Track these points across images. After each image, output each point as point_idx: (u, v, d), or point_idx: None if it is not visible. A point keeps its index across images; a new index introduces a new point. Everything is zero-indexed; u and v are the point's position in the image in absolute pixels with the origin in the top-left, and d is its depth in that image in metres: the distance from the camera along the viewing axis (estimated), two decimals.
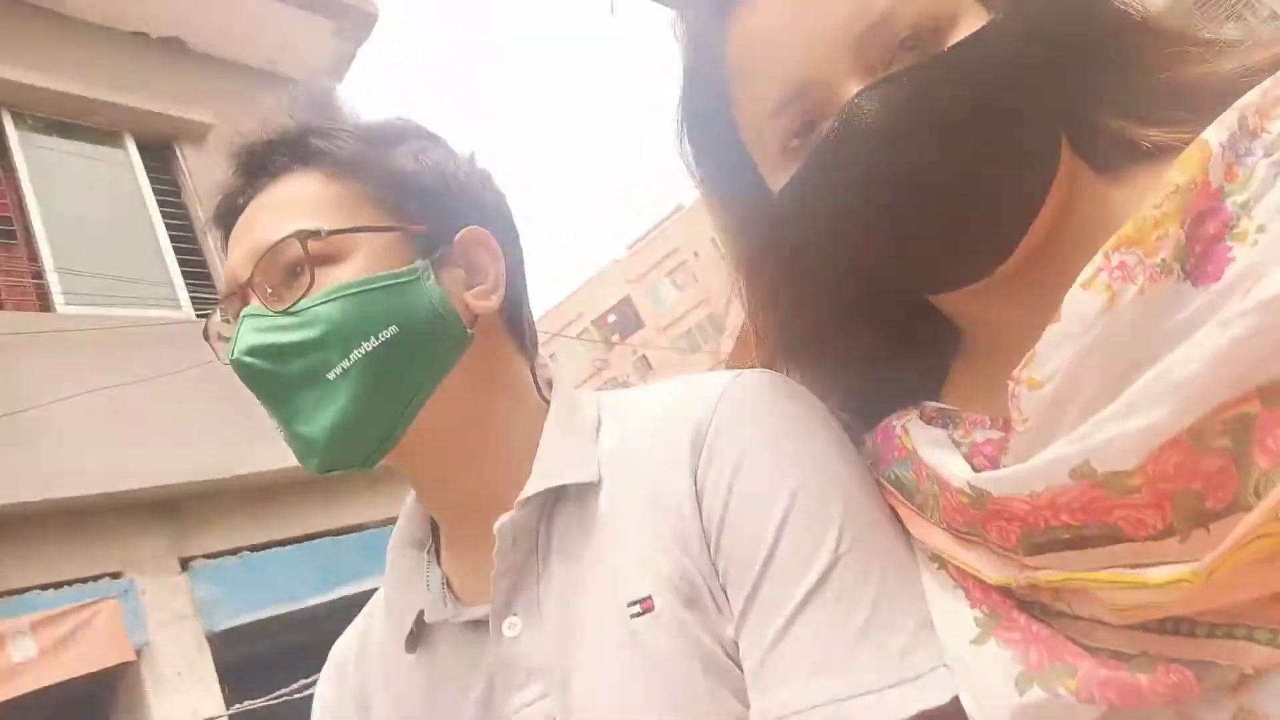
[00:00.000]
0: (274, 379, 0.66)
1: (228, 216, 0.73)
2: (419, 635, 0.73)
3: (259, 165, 0.72)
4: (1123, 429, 0.48)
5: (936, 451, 0.61)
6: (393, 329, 0.66)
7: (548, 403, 0.76)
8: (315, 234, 0.66)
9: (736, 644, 0.61)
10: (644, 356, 34.98)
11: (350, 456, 0.68)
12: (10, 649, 3.71)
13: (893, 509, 0.66)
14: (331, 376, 0.65)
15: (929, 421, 0.65)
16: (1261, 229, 0.48)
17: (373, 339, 0.65)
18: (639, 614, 0.63)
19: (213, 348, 0.73)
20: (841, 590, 0.58)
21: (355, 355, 0.65)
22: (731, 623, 0.62)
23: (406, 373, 0.68)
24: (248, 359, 0.65)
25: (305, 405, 0.66)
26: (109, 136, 5.30)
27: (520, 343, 0.78)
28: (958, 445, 0.61)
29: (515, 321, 0.77)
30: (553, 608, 0.67)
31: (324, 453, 0.67)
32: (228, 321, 0.71)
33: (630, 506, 0.67)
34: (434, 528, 0.80)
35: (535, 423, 0.73)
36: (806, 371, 0.73)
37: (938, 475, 0.60)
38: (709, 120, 0.68)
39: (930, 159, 0.55)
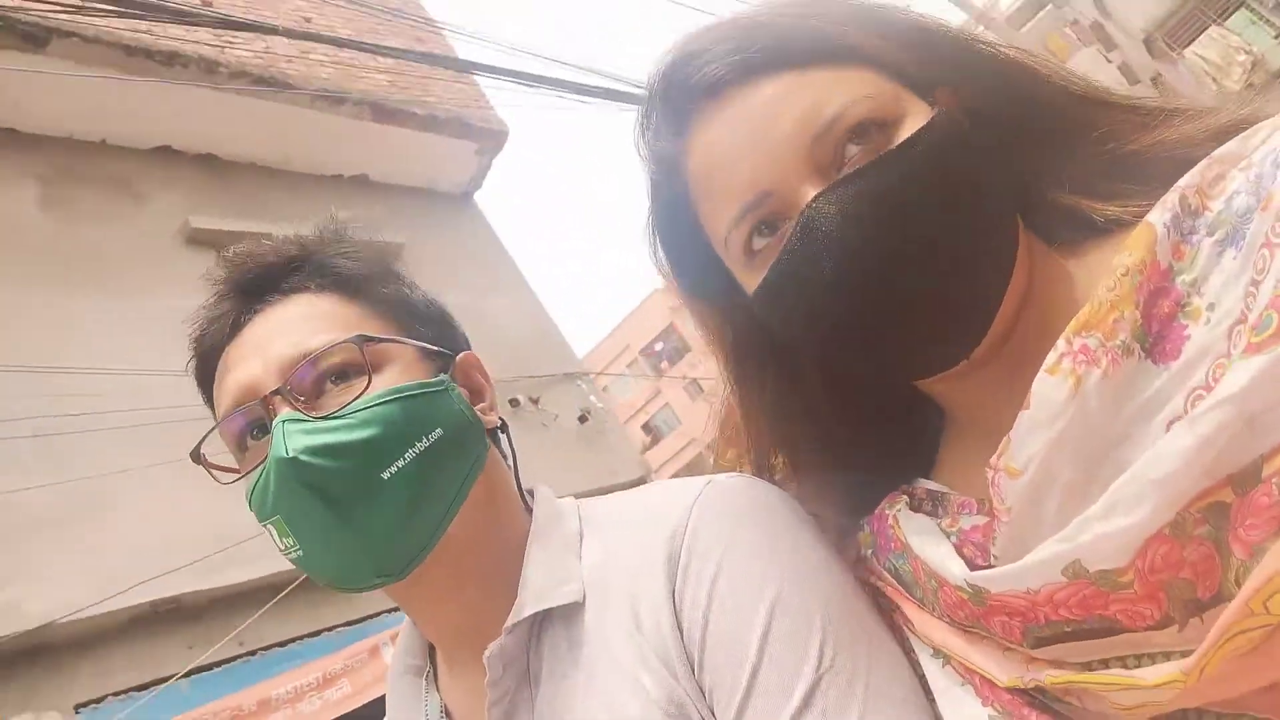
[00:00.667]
0: (334, 478, 0.65)
1: (222, 338, 0.74)
2: None
3: (267, 286, 0.74)
4: (1107, 529, 0.50)
5: (929, 547, 0.63)
6: (438, 431, 0.69)
7: (531, 512, 0.78)
8: (371, 340, 0.70)
9: None
10: (695, 381, 36.01)
11: (397, 563, 0.68)
12: None
13: (895, 602, 0.68)
14: (386, 476, 0.66)
15: (919, 506, 0.68)
16: (1212, 306, 0.52)
17: (424, 439, 0.68)
18: None
19: (210, 472, 0.73)
20: (825, 710, 0.58)
21: (410, 454, 0.67)
22: None
23: (449, 475, 0.71)
24: (307, 458, 0.65)
25: (356, 508, 0.66)
26: None
27: (505, 458, 0.81)
28: (946, 534, 0.63)
29: (500, 440, 0.80)
30: None
31: (376, 558, 0.67)
32: (254, 437, 0.70)
33: (615, 625, 0.67)
34: (431, 650, 0.81)
35: (522, 535, 0.76)
36: (800, 461, 0.74)
37: (934, 572, 0.61)
38: (680, 232, 0.71)
39: (890, 255, 0.58)
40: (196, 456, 0.73)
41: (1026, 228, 0.65)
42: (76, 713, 3.77)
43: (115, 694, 3.90)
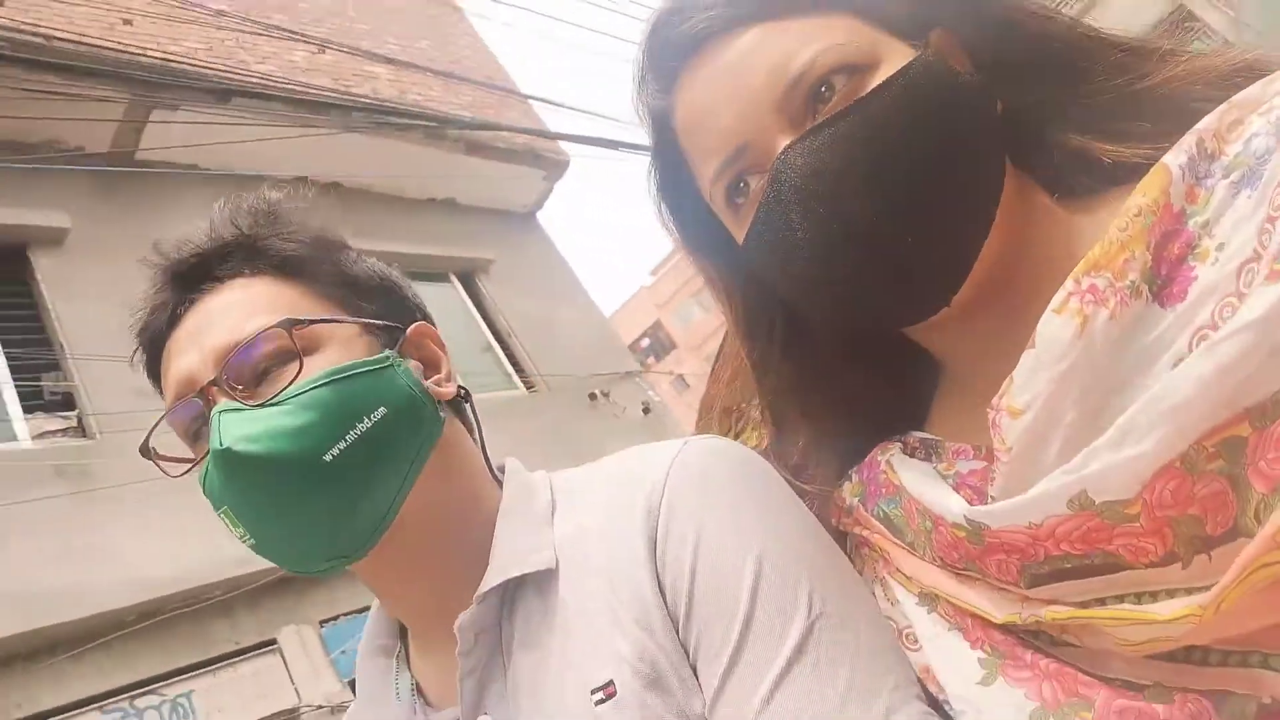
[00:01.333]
0: (271, 466, 0.64)
1: (163, 329, 0.73)
2: None
3: (202, 273, 0.73)
4: (1116, 458, 0.49)
5: (926, 487, 0.62)
6: (381, 410, 0.68)
7: (500, 486, 0.77)
8: (299, 323, 0.68)
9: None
10: (680, 376, 37.11)
11: (349, 544, 0.68)
12: None
13: (882, 549, 0.67)
14: (329, 458, 0.65)
15: (912, 453, 0.67)
16: (1221, 247, 0.50)
17: (366, 419, 0.67)
18: (602, 700, 0.62)
19: (159, 465, 0.72)
20: (819, 658, 0.58)
21: (351, 436, 0.66)
22: (700, 698, 0.61)
23: (398, 453, 0.69)
24: (242, 447, 0.64)
25: (301, 493, 0.65)
26: (437, 277, 7.67)
27: (469, 430, 0.80)
28: (943, 477, 0.62)
29: (463, 411, 0.79)
30: (523, 700, 0.67)
31: (327, 541, 0.67)
32: (201, 428, 0.69)
33: (589, 590, 0.67)
34: (403, 631, 0.80)
35: (489, 512, 0.74)
36: (796, 416, 0.74)
37: (930, 511, 0.61)
38: (677, 188, 0.72)
39: (858, 202, 0.58)
40: (146, 450, 0.72)
41: (1027, 176, 0.64)
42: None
43: None
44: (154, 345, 0.74)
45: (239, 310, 0.70)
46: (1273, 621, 0.47)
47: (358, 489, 0.67)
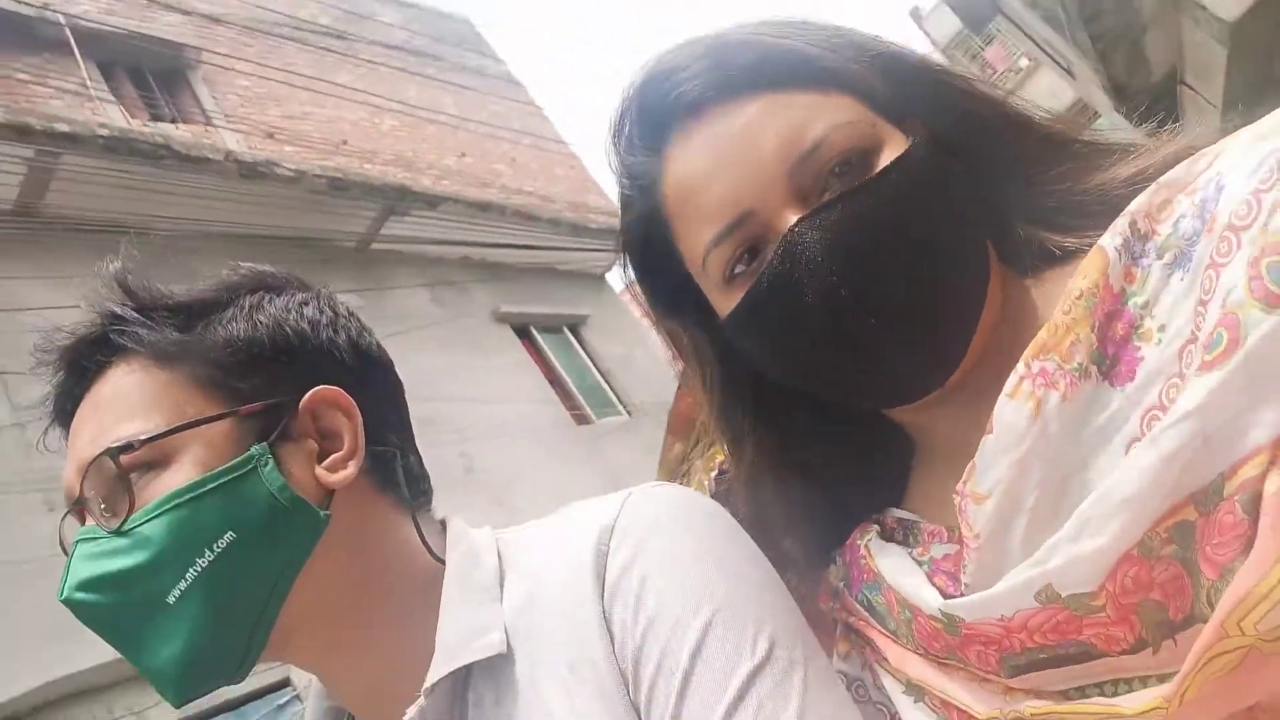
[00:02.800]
0: (111, 615, 0.62)
1: (63, 419, 0.70)
2: None
3: (78, 364, 0.68)
4: (1076, 551, 0.50)
5: (902, 577, 0.62)
6: (229, 535, 0.62)
7: (440, 560, 0.70)
8: (127, 448, 0.62)
9: None
10: None
11: (211, 680, 0.64)
12: None
13: (867, 636, 0.67)
14: (171, 600, 0.61)
15: (890, 535, 0.68)
16: (1163, 328, 0.52)
17: (208, 551, 0.61)
18: None
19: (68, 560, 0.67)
20: (761, 702, 0.57)
21: (191, 574, 0.61)
22: None
23: (253, 579, 0.63)
24: (79, 595, 0.62)
25: (149, 638, 0.62)
26: (554, 329, 9.95)
27: (398, 499, 0.72)
28: (919, 564, 0.63)
29: (389, 478, 0.72)
30: None
31: (180, 686, 0.63)
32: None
33: (547, 673, 0.63)
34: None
35: (430, 589, 0.68)
36: (777, 484, 0.72)
37: (909, 602, 0.61)
38: (653, 249, 0.70)
39: (872, 281, 0.58)
40: (63, 547, 0.67)
41: (997, 257, 0.65)
42: None
43: None
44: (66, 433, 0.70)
45: (100, 417, 0.66)
46: (1238, 708, 0.48)
47: (210, 625, 0.62)
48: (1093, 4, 4.87)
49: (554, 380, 9.26)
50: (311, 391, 0.68)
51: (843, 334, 0.60)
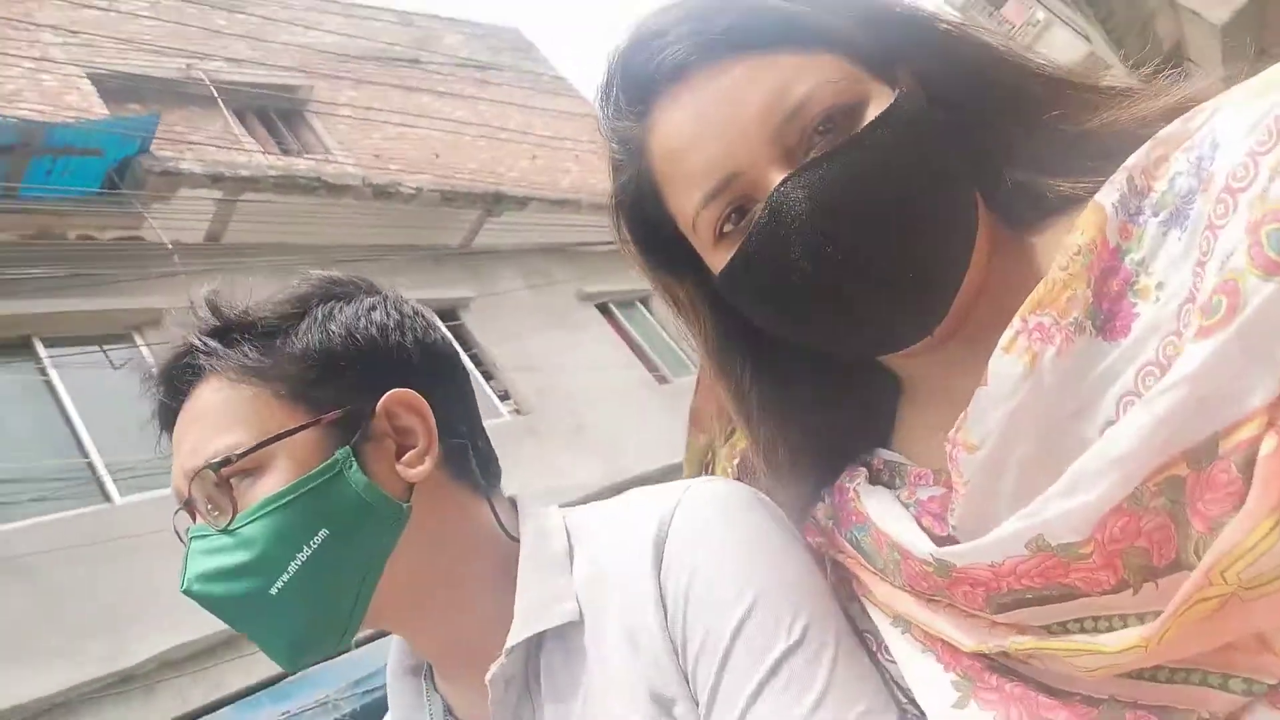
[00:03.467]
0: (225, 604, 0.70)
1: (167, 428, 0.77)
2: None
3: (173, 381, 0.75)
4: (1068, 505, 0.52)
5: (891, 521, 0.65)
6: (323, 533, 0.69)
7: (514, 538, 0.77)
8: (225, 462, 0.69)
9: None
10: None
11: (317, 653, 0.73)
12: None
13: (853, 572, 0.71)
14: (274, 592, 0.68)
15: (877, 478, 0.70)
16: (1160, 286, 0.53)
17: (306, 548, 0.68)
18: None
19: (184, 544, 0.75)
20: (792, 677, 0.63)
21: (292, 568, 0.68)
22: None
23: (347, 569, 0.71)
24: (196, 587, 0.70)
25: (259, 623, 0.71)
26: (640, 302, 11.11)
27: (473, 484, 0.78)
28: (906, 506, 0.66)
29: (462, 467, 0.78)
30: None
31: (291, 660, 0.73)
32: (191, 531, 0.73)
33: (609, 638, 0.70)
34: None
35: (506, 563, 0.75)
36: (773, 430, 0.75)
37: (898, 545, 0.63)
38: (644, 211, 0.71)
39: (857, 237, 0.59)
40: (179, 535, 0.74)
41: (986, 207, 0.66)
42: None
43: None
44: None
45: (199, 428, 0.72)
46: (1210, 647, 0.50)
47: (311, 611, 0.70)
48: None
49: (634, 348, 10.43)
50: (386, 395, 0.73)
51: (827, 288, 0.61)
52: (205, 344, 0.74)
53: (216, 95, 8.15)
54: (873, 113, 0.61)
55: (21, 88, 6.85)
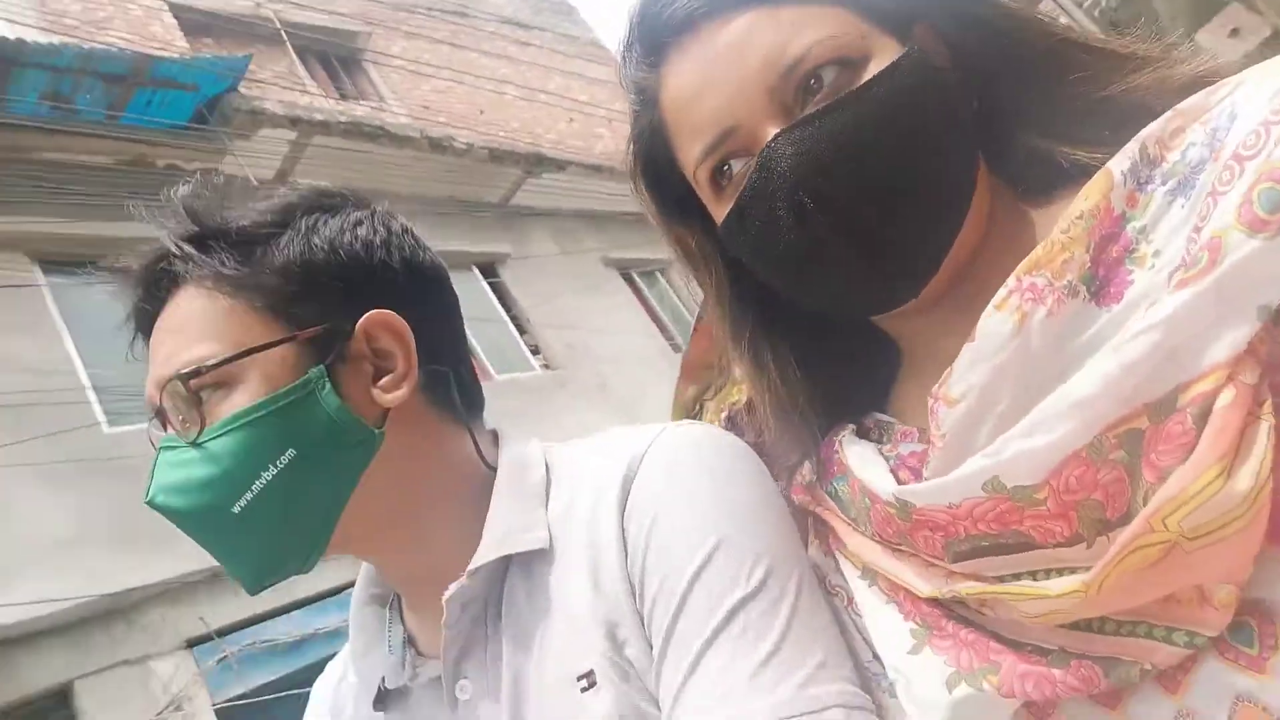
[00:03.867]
0: (187, 518, 0.69)
1: (144, 332, 0.75)
2: (385, 696, 0.77)
3: (151, 285, 0.73)
4: (1027, 446, 0.52)
5: (867, 467, 0.65)
6: (290, 453, 0.67)
7: (493, 468, 0.77)
8: (195, 373, 0.68)
9: None
10: None
11: (279, 576, 0.72)
12: None
13: (830, 525, 0.71)
14: (236, 510, 0.67)
15: (864, 435, 0.71)
16: (1158, 253, 0.53)
17: (271, 467, 0.67)
18: (586, 688, 0.65)
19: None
20: (747, 625, 0.62)
21: (256, 486, 0.67)
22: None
23: (313, 492, 0.69)
24: (160, 499, 0.69)
25: (221, 541, 0.70)
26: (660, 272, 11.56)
27: (453, 413, 0.77)
28: (886, 459, 0.66)
29: (443, 394, 0.76)
30: (503, 671, 0.70)
31: (252, 581, 0.71)
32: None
33: (574, 574, 0.70)
34: None
35: (482, 491, 0.75)
36: (773, 383, 0.74)
37: (868, 489, 0.64)
38: (657, 162, 0.73)
39: (842, 195, 0.59)
40: (153, 444, 0.73)
41: (994, 172, 0.66)
42: None
43: None
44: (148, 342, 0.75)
45: (173, 336, 0.71)
46: (1153, 597, 0.50)
47: (274, 532, 0.69)
48: None
49: (653, 316, 10.91)
50: (365, 316, 0.72)
51: (812, 246, 0.61)
52: (181, 250, 0.72)
53: (285, 35, 8.44)
54: (874, 69, 0.61)
55: (112, 14, 7.14)
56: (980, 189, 0.65)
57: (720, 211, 0.68)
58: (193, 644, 5.16)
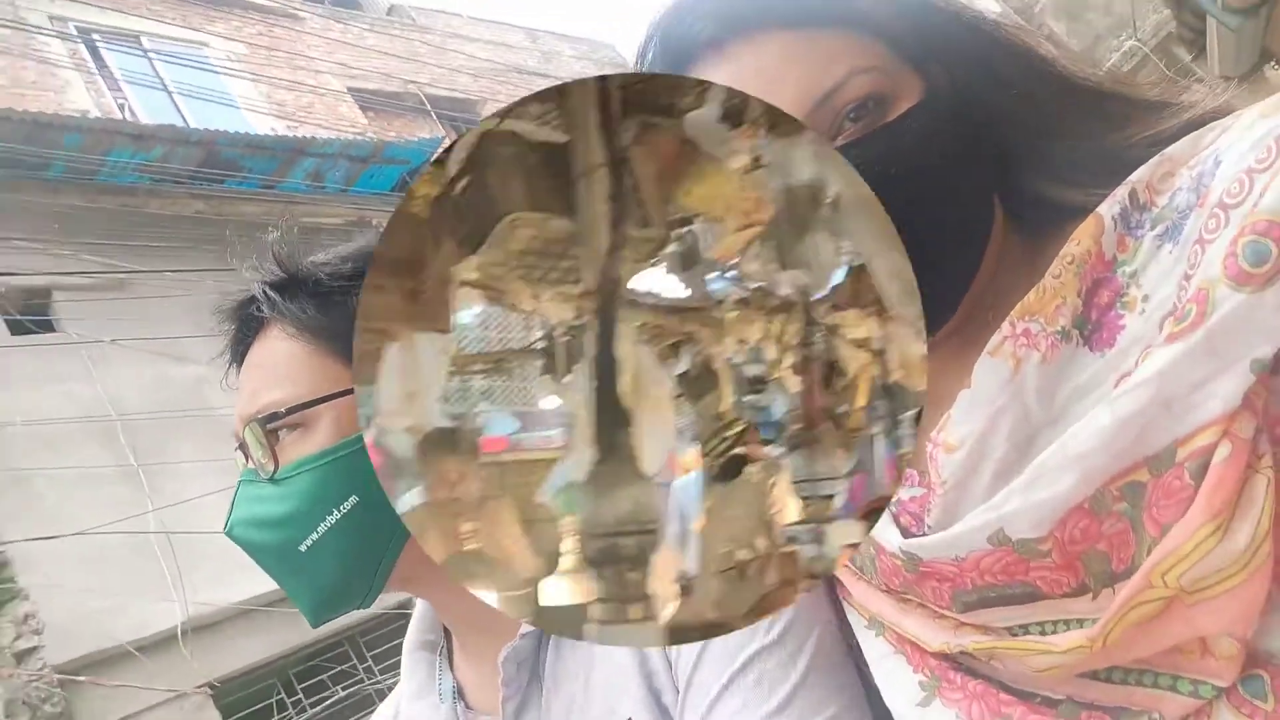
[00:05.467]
0: (260, 551, 0.74)
1: (237, 359, 0.81)
2: None
3: (243, 323, 0.79)
4: (1029, 500, 0.52)
5: None
6: (353, 499, 0.70)
7: None
8: (272, 417, 0.72)
9: None
10: None
11: (339, 610, 0.76)
12: None
13: (837, 575, 0.70)
14: (303, 549, 0.71)
15: None
16: (1147, 298, 0.53)
17: (335, 512, 0.70)
18: None
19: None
20: (763, 675, 0.64)
21: (322, 529, 0.70)
22: None
23: (372, 538, 0.72)
24: (238, 533, 0.73)
25: (288, 575, 0.74)
26: None
27: None
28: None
29: None
30: None
31: (314, 616, 0.75)
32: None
33: None
34: (446, 628, 0.85)
35: None
36: None
37: (873, 539, 0.63)
38: None
39: None
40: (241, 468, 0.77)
41: (1002, 214, 0.66)
42: None
43: None
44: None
45: (258, 376, 0.76)
46: (1157, 650, 0.50)
47: (337, 572, 0.72)
48: None
49: None
50: None
51: None
52: (267, 295, 0.77)
53: (430, 107, 9.93)
54: (903, 105, 0.61)
55: (312, 101, 8.61)
56: (995, 231, 0.65)
57: None
58: None
